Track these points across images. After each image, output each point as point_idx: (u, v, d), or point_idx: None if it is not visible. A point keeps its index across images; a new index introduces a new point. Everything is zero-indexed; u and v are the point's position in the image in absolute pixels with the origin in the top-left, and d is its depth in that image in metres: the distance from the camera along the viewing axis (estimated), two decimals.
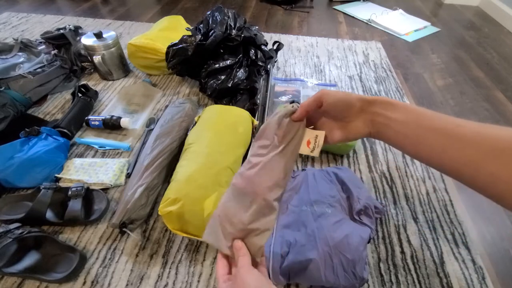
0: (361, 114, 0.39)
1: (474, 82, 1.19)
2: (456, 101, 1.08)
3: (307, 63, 1.24)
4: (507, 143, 0.29)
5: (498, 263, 0.62)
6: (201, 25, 0.99)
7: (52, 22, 1.53)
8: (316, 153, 0.42)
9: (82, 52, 1.08)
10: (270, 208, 0.38)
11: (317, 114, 0.42)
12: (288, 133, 0.39)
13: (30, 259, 0.57)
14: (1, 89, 0.86)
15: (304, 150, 0.41)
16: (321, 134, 0.41)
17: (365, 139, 0.89)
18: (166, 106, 0.96)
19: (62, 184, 0.72)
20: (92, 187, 0.70)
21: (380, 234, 0.65)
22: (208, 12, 1.00)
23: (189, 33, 0.99)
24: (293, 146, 0.39)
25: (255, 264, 0.37)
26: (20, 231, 0.57)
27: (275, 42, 1.10)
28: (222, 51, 0.96)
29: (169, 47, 0.99)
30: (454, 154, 0.32)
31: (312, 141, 0.41)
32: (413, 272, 0.59)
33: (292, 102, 0.43)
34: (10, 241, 0.55)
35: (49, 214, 0.64)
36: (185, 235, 0.59)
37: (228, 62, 0.94)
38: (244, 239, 0.38)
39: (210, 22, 0.97)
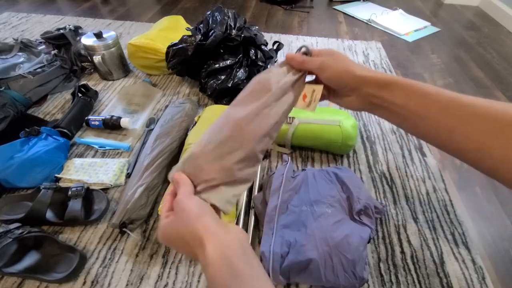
0: (355, 91, 0.37)
1: (474, 82, 1.19)
2: None
3: None
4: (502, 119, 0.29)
5: (498, 263, 0.62)
6: (201, 25, 0.98)
7: (52, 22, 1.53)
8: (312, 108, 0.40)
9: (82, 52, 1.08)
10: (256, 159, 0.36)
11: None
12: (292, 82, 0.37)
13: (30, 259, 0.57)
14: (1, 89, 0.86)
15: (300, 104, 0.39)
16: (318, 88, 0.39)
17: (365, 139, 0.89)
18: (166, 106, 0.96)
19: (62, 184, 0.72)
20: (92, 187, 0.70)
21: (380, 234, 0.65)
22: (208, 12, 1.00)
23: (189, 33, 0.99)
24: (292, 97, 0.37)
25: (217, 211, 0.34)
26: (20, 231, 0.57)
27: (275, 42, 1.10)
28: (222, 51, 0.96)
29: (169, 47, 0.99)
30: (460, 133, 0.31)
31: (308, 95, 0.39)
32: (413, 272, 0.59)
33: (301, 47, 0.40)
34: (10, 241, 0.55)
35: (49, 214, 0.64)
36: None
37: (228, 62, 0.94)
38: (221, 185, 0.34)
39: (210, 22, 0.97)
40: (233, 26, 0.96)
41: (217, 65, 0.94)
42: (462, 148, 0.32)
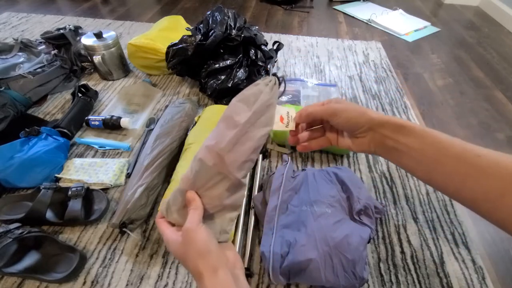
0: (369, 132, 0.38)
1: (474, 82, 1.19)
2: (456, 101, 1.08)
3: (307, 63, 1.24)
4: None
5: (498, 263, 0.62)
6: (201, 25, 0.98)
7: (52, 22, 1.53)
8: (291, 127, 0.41)
9: (82, 52, 1.08)
10: (241, 185, 0.37)
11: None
12: (265, 104, 0.37)
13: (30, 259, 0.57)
14: (1, 89, 0.86)
15: (279, 126, 0.40)
16: (291, 110, 0.41)
17: None
18: (166, 106, 0.96)
19: (62, 184, 0.72)
20: (92, 187, 0.70)
21: (380, 234, 0.65)
22: (208, 12, 1.00)
23: (189, 33, 0.99)
24: (267, 119, 0.37)
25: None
26: (20, 231, 0.57)
27: (275, 42, 1.10)
28: (222, 51, 0.96)
29: (169, 47, 0.99)
30: (474, 185, 0.31)
31: (285, 116, 0.41)
32: (413, 272, 0.59)
33: (274, 75, 0.41)
34: (10, 241, 0.55)
35: (49, 214, 0.64)
36: None
37: (228, 62, 0.94)
38: (215, 214, 0.37)
39: (210, 22, 0.97)
40: (233, 26, 0.96)
41: (217, 65, 0.94)
42: (476, 198, 0.31)
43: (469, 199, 0.32)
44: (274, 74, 0.41)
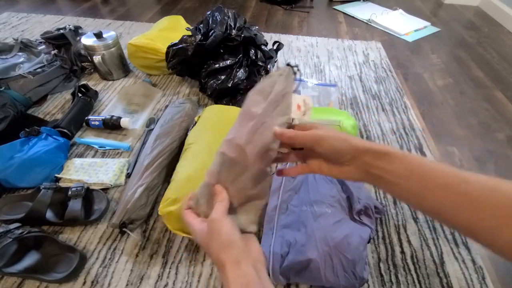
0: (353, 161, 0.36)
1: (474, 82, 1.19)
2: (456, 101, 1.08)
3: (307, 63, 1.24)
4: None
5: (498, 263, 0.62)
6: (201, 25, 0.98)
7: (52, 22, 1.53)
8: (307, 117, 0.41)
9: (82, 52, 1.08)
10: (265, 174, 0.38)
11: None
12: (281, 94, 0.38)
13: (30, 259, 0.57)
14: (1, 89, 0.86)
15: (296, 114, 0.40)
16: (307, 98, 0.41)
17: (365, 139, 0.89)
18: (166, 106, 0.96)
19: (62, 184, 0.72)
20: (92, 187, 0.70)
21: (380, 234, 0.65)
22: (208, 12, 1.00)
23: (189, 33, 0.99)
24: (284, 108, 0.38)
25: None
26: (20, 231, 0.57)
27: (275, 42, 1.10)
28: (222, 51, 0.96)
29: (169, 47, 0.99)
30: (467, 214, 0.29)
31: (301, 105, 0.40)
32: (413, 272, 0.59)
33: (288, 65, 0.40)
34: (10, 241, 0.55)
35: (49, 214, 0.64)
36: (185, 235, 0.59)
37: (228, 62, 0.94)
38: (242, 205, 0.38)
39: (210, 22, 0.97)
40: (233, 26, 0.96)
41: (217, 65, 0.94)
42: (470, 227, 0.30)
43: (466, 228, 0.30)
44: (288, 64, 0.40)
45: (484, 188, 0.29)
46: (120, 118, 0.86)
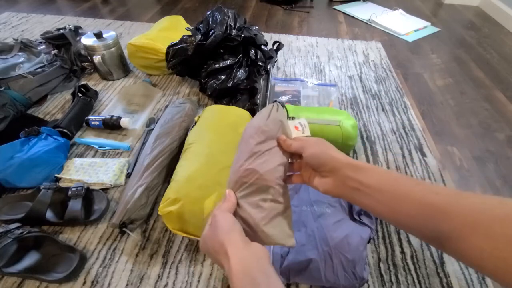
0: (332, 173, 0.38)
1: (474, 82, 1.19)
2: (456, 101, 1.08)
3: (307, 63, 1.24)
4: (487, 215, 0.27)
5: None
6: (201, 25, 0.98)
7: (52, 22, 1.53)
8: (307, 133, 0.46)
9: (82, 52, 1.08)
10: (284, 187, 0.42)
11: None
12: (278, 119, 0.44)
13: (30, 259, 0.57)
14: (1, 89, 0.86)
15: (296, 133, 0.45)
16: (301, 119, 0.47)
17: (365, 139, 0.89)
18: (166, 106, 0.96)
19: (62, 184, 0.72)
20: (92, 187, 0.70)
21: (380, 234, 0.65)
22: (208, 12, 1.00)
23: (189, 33, 0.99)
24: (283, 130, 0.44)
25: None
26: (20, 231, 0.57)
27: (275, 42, 1.10)
28: (222, 51, 0.96)
29: (169, 47, 0.99)
30: (437, 225, 0.30)
31: (298, 126, 0.46)
32: (413, 272, 0.59)
33: (274, 101, 0.47)
34: (10, 241, 0.55)
35: (49, 214, 0.64)
36: (185, 235, 0.59)
37: (228, 62, 0.94)
38: (268, 222, 0.40)
39: (210, 22, 0.97)
40: (233, 26, 0.96)
41: (217, 65, 0.94)
42: (440, 239, 0.30)
43: (436, 239, 0.30)
44: (275, 101, 0.48)
45: (451, 200, 0.30)
46: (120, 118, 0.86)
